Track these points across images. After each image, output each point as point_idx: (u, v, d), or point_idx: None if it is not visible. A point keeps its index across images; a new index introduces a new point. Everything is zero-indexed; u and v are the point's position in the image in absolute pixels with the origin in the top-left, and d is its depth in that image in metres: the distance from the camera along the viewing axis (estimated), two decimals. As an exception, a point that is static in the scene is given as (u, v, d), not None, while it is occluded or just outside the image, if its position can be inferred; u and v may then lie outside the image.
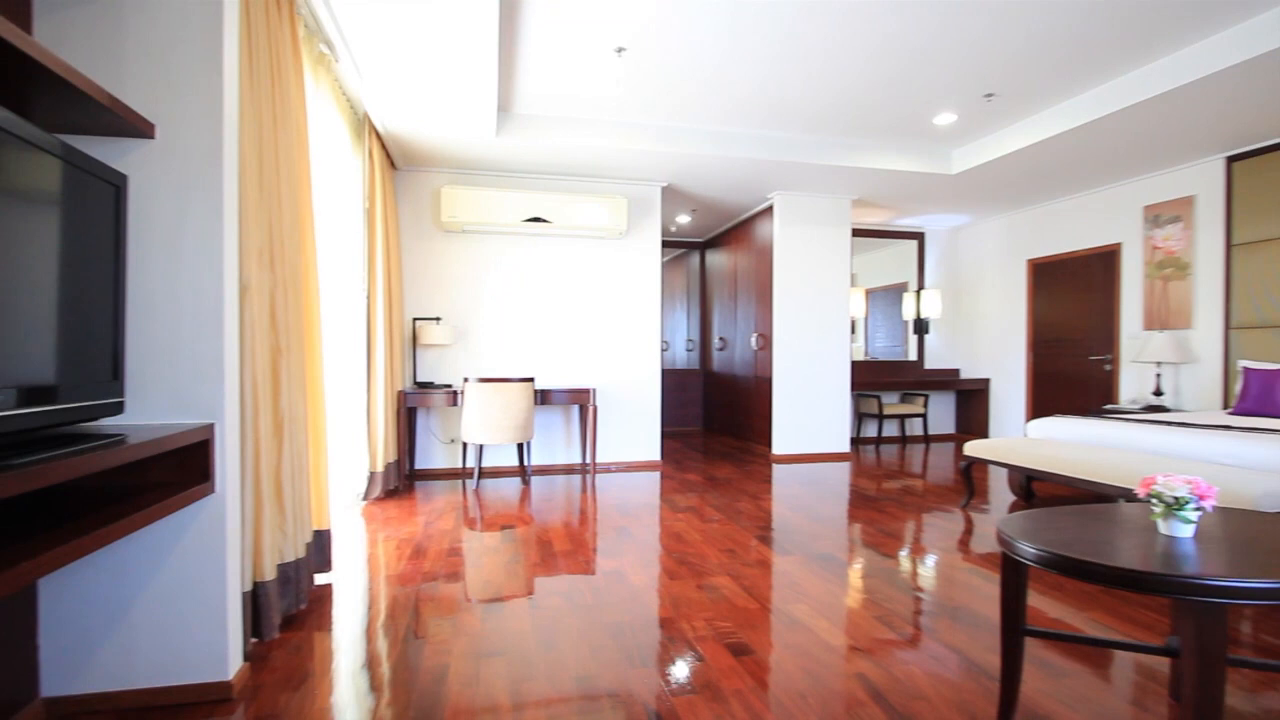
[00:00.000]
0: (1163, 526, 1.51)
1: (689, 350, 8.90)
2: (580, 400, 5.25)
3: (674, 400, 8.42)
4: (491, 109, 4.10)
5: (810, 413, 6.27)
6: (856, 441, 7.38)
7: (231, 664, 1.91)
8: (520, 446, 5.21)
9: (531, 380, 4.82)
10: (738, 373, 7.35)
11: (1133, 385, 5.71)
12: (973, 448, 4.24)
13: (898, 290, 7.76)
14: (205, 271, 1.87)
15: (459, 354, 5.44)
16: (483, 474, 5.26)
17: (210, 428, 1.85)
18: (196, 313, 1.87)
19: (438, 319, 5.31)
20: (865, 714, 1.78)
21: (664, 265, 8.84)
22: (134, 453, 1.46)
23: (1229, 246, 4.94)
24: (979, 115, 4.70)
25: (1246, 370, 4.50)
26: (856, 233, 7.38)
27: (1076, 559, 1.34)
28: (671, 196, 6.24)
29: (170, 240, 1.85)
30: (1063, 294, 6.45)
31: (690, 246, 8.59)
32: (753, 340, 6.81)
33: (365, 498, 4.34)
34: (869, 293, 7.71)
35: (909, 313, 7.67)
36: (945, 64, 3.87)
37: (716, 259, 8.11)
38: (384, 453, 4.41)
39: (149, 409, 1.84)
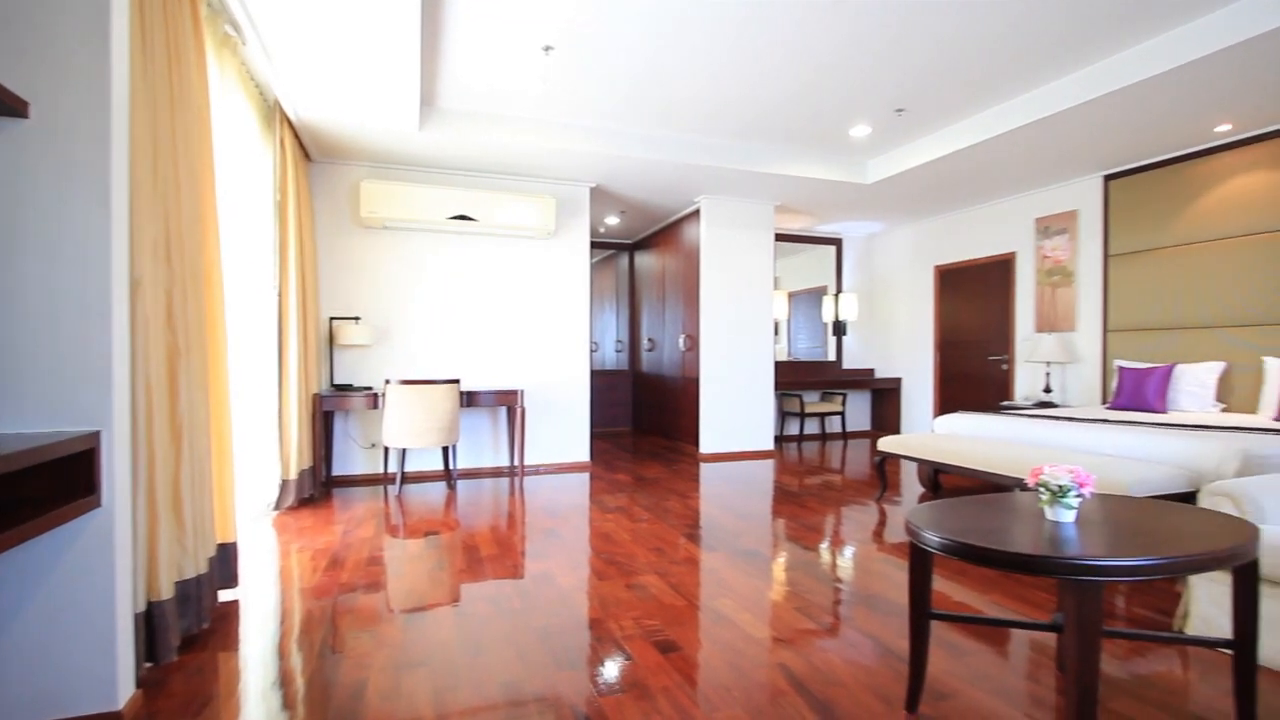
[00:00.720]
0: (1049, 513, 1.65)
1: (618, 351, 8.94)
2: (508, 402, 5.16)
3: (603, 401, 8.42)
4: (414, 101, 3.97)
5: (736, 412, 6.43)
6: (780, 439, 7.63)
7: (122, 692, 1.76)
8: (445, 450, 5.07)
9: (457, 382, 4.70)
10: (666, 373, 7.44)
11: (1026, 383, 6.19)
12: (885, 443, 4.47)
13: (818, 293, 8.08)
14: (89, 266, 1.71)
15: (380, 355, 5.24)
16: (406, 479, 5.09)
17: (96, 435, 1.70)
18: (80, 311, 1.71)
19: (357, 319, 5.09)
20: (786, 703, 1.85)
21: (593, 266, 8.83)
22: (3, 465, 1.32)
23: (1107, 257, 5.44)
24: (891, 129, 4.97)
25: (1121, 369, 4.98)
26: (779, 237, 7.63)
27: (975, 546, 1.45)
28: (600, 197, 6.25)
29: (47, 231, 1.69)
30: (965, 299, 6.91)
31: (619, 248, 8.62)
32: (680, 341, 6.91)
33: (277, 507, 4.10)
34: (791, 295, 8.00)
35: (828, 315, 8.00)
36: (860, 80, 4.07)
37: (645, 260, 8.18)
38: (297, 459, 4.18)
39: (25, 416, 1.67)
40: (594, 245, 8.33)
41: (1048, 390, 5.78)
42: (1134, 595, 2.73)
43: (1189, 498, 3.02)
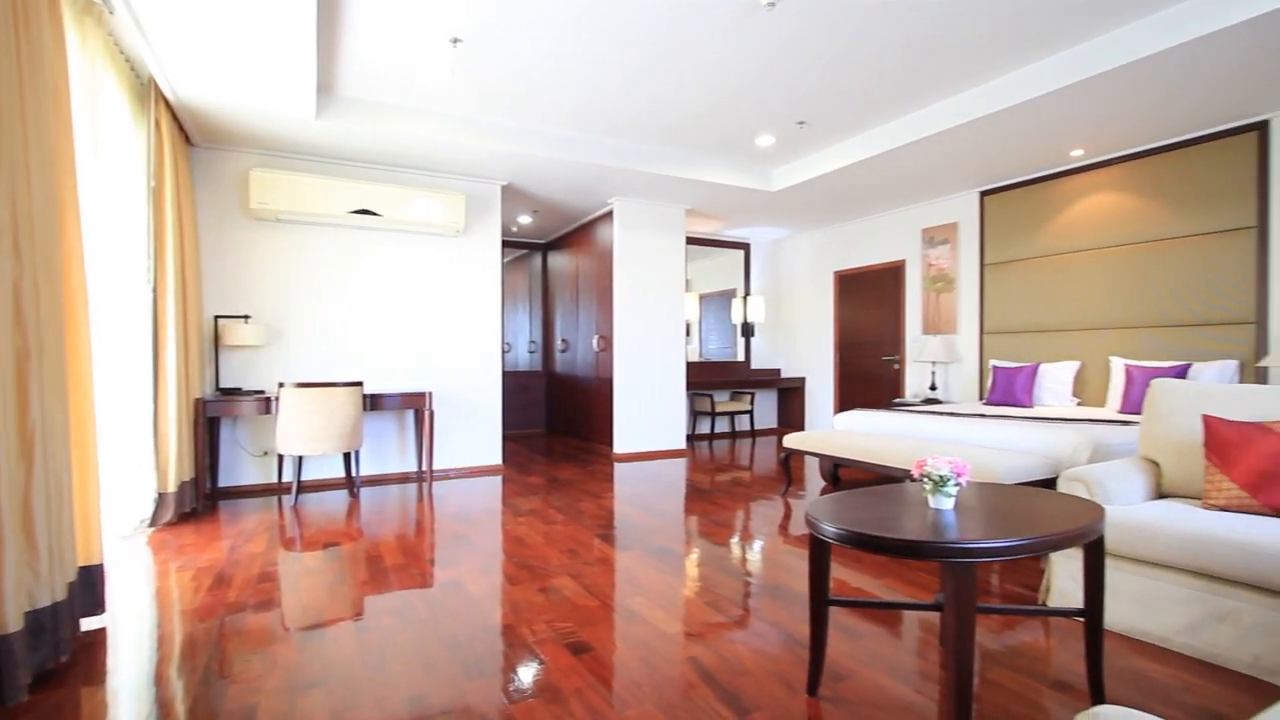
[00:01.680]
0: (932, 501, 1.79)
1: (532, 352, 8.82)
2: (416, 405, 4.97)
3: (517, 402, 8.29)
4: (309, 87, 3.74)
5: (649, 412, 6.51)
6: (692, 438, 7.80)
7: (-41, 740, 1.55)
8: (347, 456, 4.82)
9: (360, 385, 4.48)
10: (580, 374, 7.43)
11: (915, 381, 6.66)
12: (790, 440, 4.68)
13: (727, 296, 8.33)
14: (-83, 256, 1.50)
15: (273, 357, 4.90)
16: (303, 488, 4.78)
17: (-75, 450, 1.49)
18: (-97, 307, 1.49)
19: (246, 317, 4.73)
20: (697, 695, 1.90)
21: (506, 266, 8.67)
22: None
23: (983, 265, 5.96)
24: (793, 140, 5.20)
25: (995, 368, 5.47)
26: (690, 240, 7.81)
27: (866, 534, 1.55)
28: (512, 196, 6.15)
29: None
30: (862, 302, 7.35)
31: (532, 247, 8.52)
32: (594, 342, 6.92)
33: (153, 524, 3.74)
34: (702, 297, 8.20)
35: (737, 317, 8.27)
36: (765, 93, 4.23)
37: (559, 261, 8.13)
38: (177, 470, 3.83)
39: None
40: (506, 244, 8.19)
41: (933, 388, 6.25)
42: (1006, 573, 3.01)
43: (1050, 483, 3.36)
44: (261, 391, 4.66)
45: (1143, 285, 4.80)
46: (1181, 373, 4.26)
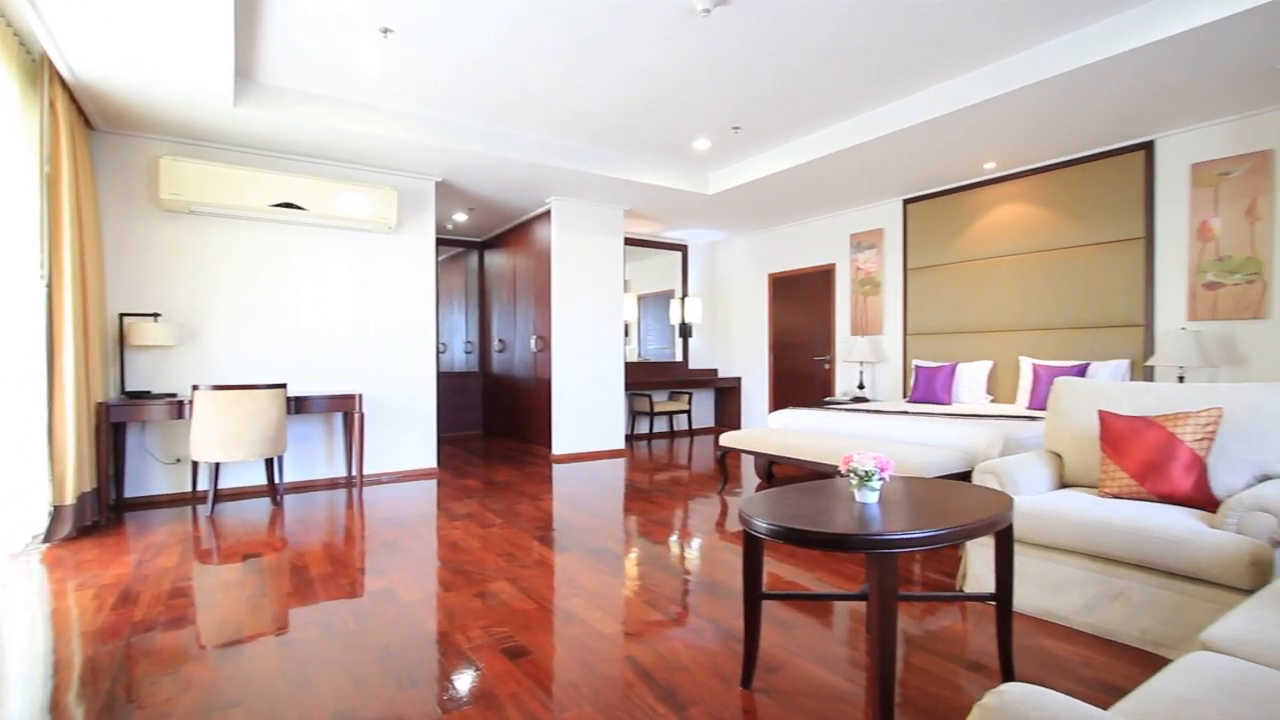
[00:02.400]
0: (858, 495, 1.87)
1: (468, 352, 8.64)
2: (345, 407, 4.79)
3: (452, 404, 8.10)
4: (227, 70, 3.53)
5: (588, 412, 6.50)
6: (631, 438, 7.84)
7: None
8: (270, 462, 4.58)
9: (283, 387, 4.26)
10: (518, 374, 7.33)
11: (845, 380, 6.93)
12: (726, 439, 4.78)
13: (666, 296, 8.42)
14: None
15: (185, 358, 4.60)
16: (220, 497, 4.52)
17: None
18: None
19: (155, 315, 4.43)
20: (634, 694, 1.91)
21: (440, 264, 8.46)
22: None
23: (906, 270, 6.26)
24: (729, 145, 5.32)
25: (918, 367, 5.75)
26: (629, 241, 7.85)
27: (796, 529, 1.61)
28: (447, 193, 6.01)
29: None
30: (795, 304, 7.58)
31: (469, 245, 8.34)
32: (532, 342, 6.85)
33: (48, 539, 3.45)
34: (641, 298, 8.25)
35: (675, 318, 8.37)
36: (702, 97, 4.31)
37: (496, 260, 8.00)
38: (75, 480, 3.55)
39: None
40: (441, 242, 7.99)
41: (861, 386, 6.52)
42: (927, 561, 3.17)
43: (967, 476, 3.57)
44: (173, 395, 4.37)
45: (1048, 290, 5.16)
46: (1081, 371, 4.60)
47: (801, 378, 7.48)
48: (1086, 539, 2.29)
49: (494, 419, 8.14)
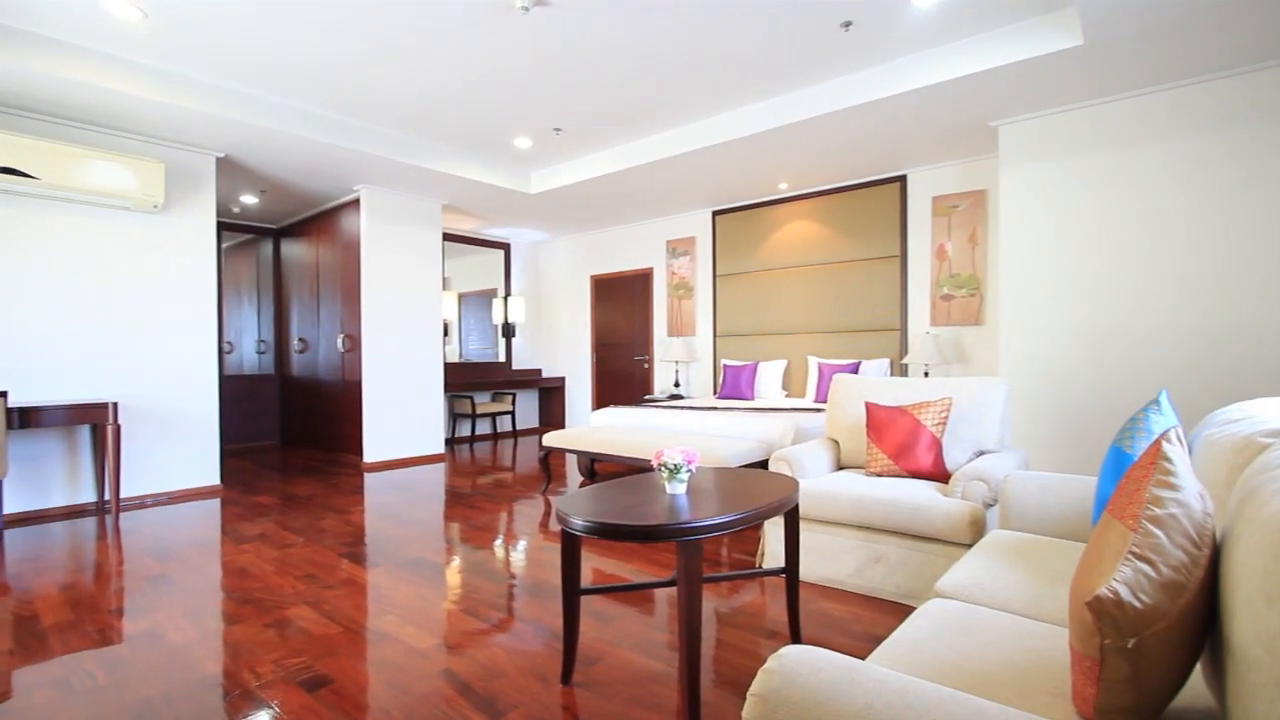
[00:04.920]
0: (668, 487, 2.00)
1: (261, 353, 7.67)
2: (94, 419, 4.00)
3: (242, 411, 7.15)
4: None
5: (404, 416, 6.13)
6: (452, 441, 7.53)
7: None
8: (-21, 492, 3.68)
9: (2, 395, 3.45)
10: (322, 377, 6.68)
11: (663, 378, 7.31)
12: (549, 439, 4.80)
13: (488, 295, 8.21)
14: None
15: None
16: (-101, 540, 3.53)
17: None
18: None
19: None
20: (452, 709, 1.85)
21: (226, 252, 7.39)
22: None
23: (715, 276, 6.77)
24: (551, 145, 5.34)
25: (725, 366, 6.26)
26: (449, 237, 7.54)
27: (609, 524, 1.68)
28: (233, 171, 5.29)
29: None
30: (616, 305, 7.83)
31: (262, 232, 7.41)
32: (339, 341, 6.29)
33: None
34: (462, 297, 7.96)
35: (498, 317, 8.20)
36: (521, 94, 4.28)
37: (295, 250, 7.20)
38: None
39: None
40: (227, 227, 7.02)
41: (678, 384, 6.93)
42: (734, 544, 3.47)
43: (765, 464, 3.96)
44: None
45: (830, 298, 5.91)
46: (855, 369, 5.34)
47: (623, 377, 7.75)
48: (855, 512, 2.67)
49: (294, 426, 7.33)
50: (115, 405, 4.07)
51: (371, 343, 5.89)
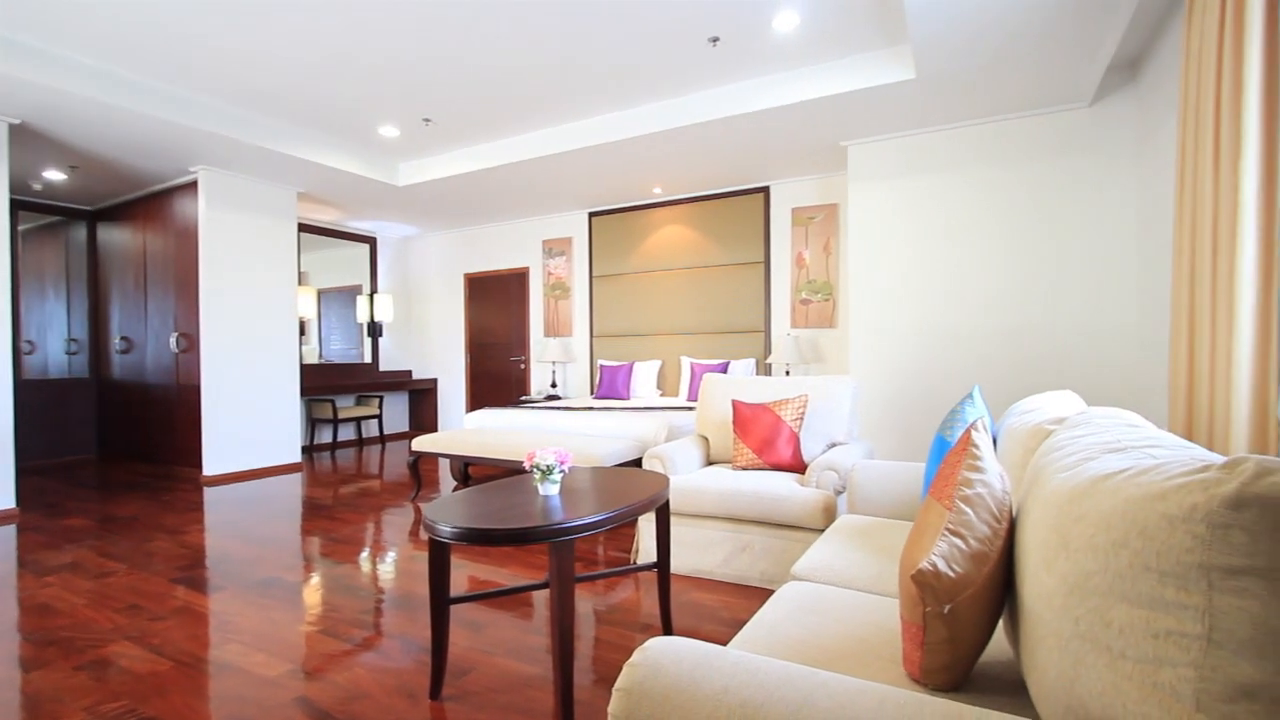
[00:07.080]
0: (541, 489, 1.98)
1: (72, 353, 6.63)
2: None
3: (47, 421, 6.16)
4: None
5: (253, 423, 5.57)
6: (310, 449, 6.97)
7: None
8: None
9: None
10: (151, 380, 5.92)
11: (539, 379, 7.24)
12: (419, 443, 4.58)
13: (352, 292, 7.68)
14: None
15: None
16: None
17: None
18: None
19: None
20: (305, 735, 1.72)
21: (24, 235, 6.30)
22: None
23: (592, 277, 6.81)
24: (420, 136, 5.10)
25: (602, 366, 6.31)
26: (307, 229, 6.97)
27: (479, 529, 1.64)
28: (31, 140, 4.53)
29: None
30: (491, 305, 7.64)
31: (72, 215, 6.42)
32: (173, 341, 5.60)
33: None
34: (322, 293, 7.38)
35: (363, 315, 7.70)
36: (385, 77, 4.05)
37: (116, 236, 6.31)
38: None
39: None
40: (25, 206, 6.02)
41: (554, 385, 6.88)
42: (610, 542, 3.51)
43: (640, 462, 4.05)
44: None
45: (701, 300, 6.15)
46: (724, 368, 5.61)
47: (499, 378, 7.57)
48: (723, 505, 2.80)
49: (116, 437, 6.43)
50: None
51: (212, 342, 5.30)
